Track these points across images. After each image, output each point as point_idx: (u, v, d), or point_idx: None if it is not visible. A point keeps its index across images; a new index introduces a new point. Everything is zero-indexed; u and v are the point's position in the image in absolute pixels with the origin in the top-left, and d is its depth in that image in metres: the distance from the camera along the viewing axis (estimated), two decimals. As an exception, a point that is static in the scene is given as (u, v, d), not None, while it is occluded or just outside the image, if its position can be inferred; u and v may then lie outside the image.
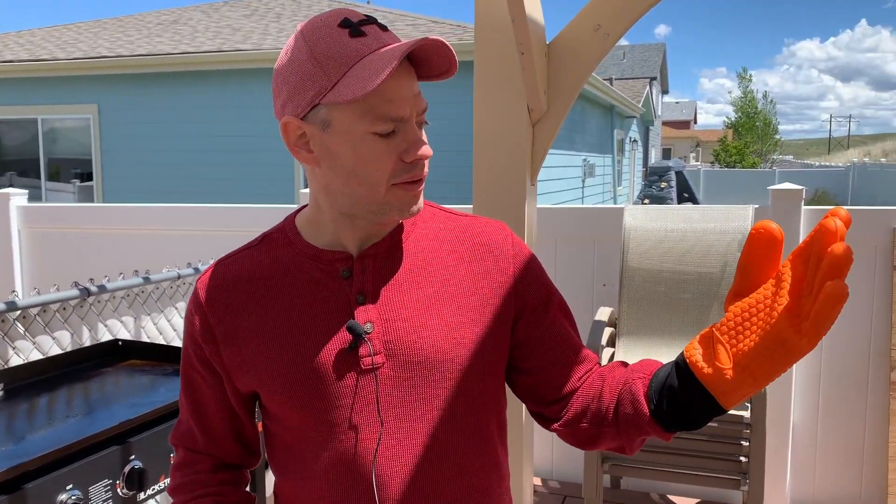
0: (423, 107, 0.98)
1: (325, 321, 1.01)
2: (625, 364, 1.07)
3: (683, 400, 0.91)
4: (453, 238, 1.09)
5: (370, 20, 0.97)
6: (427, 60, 0.97)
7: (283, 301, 1.03)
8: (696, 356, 0.87)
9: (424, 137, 1.00)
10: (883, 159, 31.46)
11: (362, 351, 1.00)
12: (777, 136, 53.27)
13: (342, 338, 1.00)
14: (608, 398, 1.02)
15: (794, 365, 3.20)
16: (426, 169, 1.00)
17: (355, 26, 0.95)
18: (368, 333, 1.00)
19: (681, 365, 0.91)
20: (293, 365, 1.00)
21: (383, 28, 0.97)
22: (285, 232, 1.09)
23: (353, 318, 1.00)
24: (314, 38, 0.94)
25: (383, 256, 1.04)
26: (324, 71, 0.93)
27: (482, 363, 1.03)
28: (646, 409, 0.97)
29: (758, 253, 0.79)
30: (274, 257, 1.07)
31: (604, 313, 3.19)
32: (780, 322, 0.77)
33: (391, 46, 0.94)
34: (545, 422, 1.11)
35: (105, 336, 2.68)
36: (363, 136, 0.94)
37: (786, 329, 0.77)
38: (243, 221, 3.94)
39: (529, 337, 1.08)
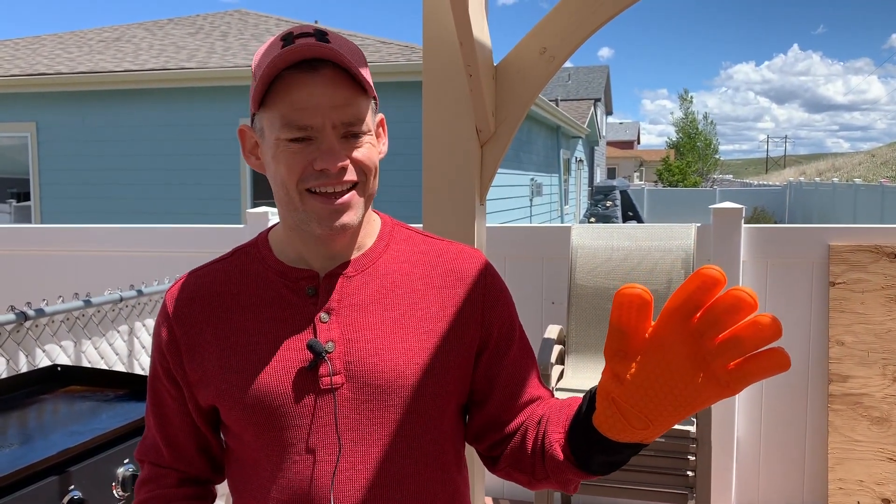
0: (344, 118, 0.95)
1: (287, 338, 1.01)
2: (555, 399, 1.06)
3: (603, 455, 0.90)
4: (426, 262, 1.08)
5: (310, 33, 0.96)
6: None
7: (247, 316, 1.03)
8: (610, 430, 0.85)
9: (359, 152, 0.98)
10: (817, 178, 32.57)
11: (322, 370, 0.99)
12: (717, 156, 54.76)
13: (303, 356, 0.99)
14: (532, 447, 1.01)
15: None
16: (348, 178, 0.97)
17: (291, 39, 0.96)
18: (329, 353, 0.99)
19: (592, 429, 0.88)
20: (252, 380, 0.99)
21: (323, 40, 0.95)
22: (258, 246, 1.09)
23: (315, 337, 1.00)
24: (260, 52, 0.99)
25: (351, 276, 1.04)
26: (256, 82, 0.96)
27: (442, 390, 1.02)
28: (570, 464, 0.95)
29: (633, 317, 0.76)
30: (243, 271, 1.07)
31: (553, 331, 3.22)
32: (696, 385, 0.77)
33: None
34: (486, 461, 1.11)
35: (43, 361, 2.59)
36: (277, 142, 0.97)
37: (707, 390, 0.76)
38: (188, 242, 3.87)
39: (488, 371, 1.07)
